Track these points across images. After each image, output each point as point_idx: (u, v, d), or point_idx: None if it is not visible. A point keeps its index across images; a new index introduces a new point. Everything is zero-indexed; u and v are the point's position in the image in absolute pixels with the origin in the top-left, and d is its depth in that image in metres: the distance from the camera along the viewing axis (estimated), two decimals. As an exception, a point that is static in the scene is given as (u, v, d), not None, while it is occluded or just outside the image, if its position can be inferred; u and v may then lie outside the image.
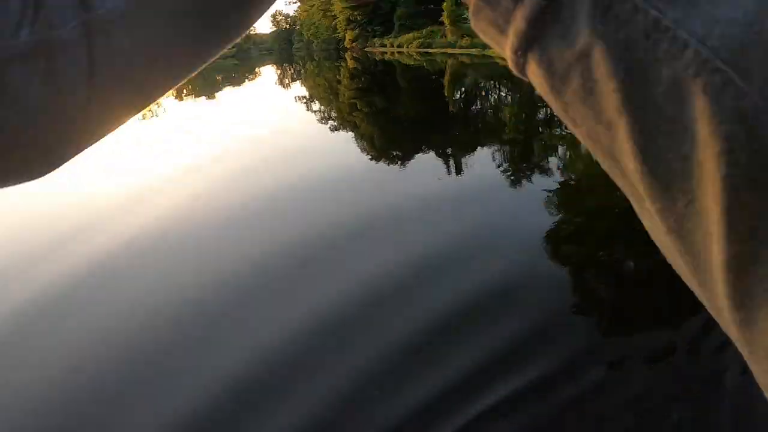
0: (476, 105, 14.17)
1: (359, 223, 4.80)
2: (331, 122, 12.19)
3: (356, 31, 57.16)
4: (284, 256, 4.31)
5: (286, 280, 3.93)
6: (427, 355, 2.75)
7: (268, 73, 41.70)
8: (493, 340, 2.78)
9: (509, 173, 6.54)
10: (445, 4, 39.54)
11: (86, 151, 0.35)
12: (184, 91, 31.23)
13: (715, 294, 0.18)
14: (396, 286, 3.56)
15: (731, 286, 0.16)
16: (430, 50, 37.83)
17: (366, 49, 51.11)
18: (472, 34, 36.36)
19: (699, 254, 0.18)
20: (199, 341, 3.09)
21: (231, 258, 4.38)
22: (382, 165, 7.46)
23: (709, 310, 0.20)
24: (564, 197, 5.57)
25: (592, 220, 4.84)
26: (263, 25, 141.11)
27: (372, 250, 4.22)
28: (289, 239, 4.65)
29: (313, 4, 70.98)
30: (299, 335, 2.99)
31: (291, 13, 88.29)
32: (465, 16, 39.29)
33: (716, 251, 0.16)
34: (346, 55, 48.13)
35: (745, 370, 2.53)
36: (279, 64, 53.86)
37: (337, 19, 63.32)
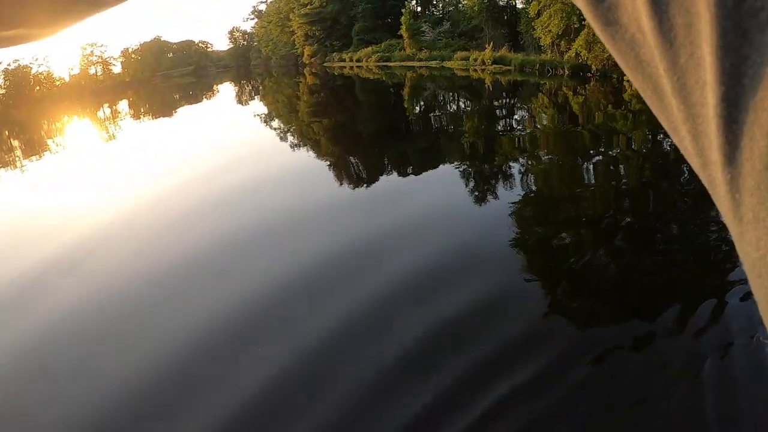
0: (436, 116, 14.20)
1: (323, 241, 4.69)
2: (291, 138, 11.96)
3: (315, 47, 57.05)
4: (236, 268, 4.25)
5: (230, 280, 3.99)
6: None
7: (227, 90, 41.11)
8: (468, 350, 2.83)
9: (470, 185, 6.52)
10: (403, 18, 40.14)
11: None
12: (142, 110, 30.35)
13: (708, 149, 0.18)
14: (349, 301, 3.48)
15: (722, 134, 0.16)
16: (390, 63, 38.18)
17: (325, 64, 51.16)
18: (430, 47, 36.97)
19: (695, 106, 0.18)
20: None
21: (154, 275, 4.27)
22: (343, 180, 7.34)
23: (704, 183, 0.20)
24: (526, 206, 5.65)
25: (555, 227, 4.95)
26: (220, 43, 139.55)
27: (341, 264, 4.13)
28: (247, 254, 4.56)
29: (271, 20, 70.68)
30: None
31: (248, 30, 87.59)
32: (423, 29, 39.98)
33: (709, 96, 0.17)
34: (305, 71, 47.97)
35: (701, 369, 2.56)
36: (237, 81, 53.21)
37: (295, 35, 63.13)
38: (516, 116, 14.80)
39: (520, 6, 33.92)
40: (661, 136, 11.80)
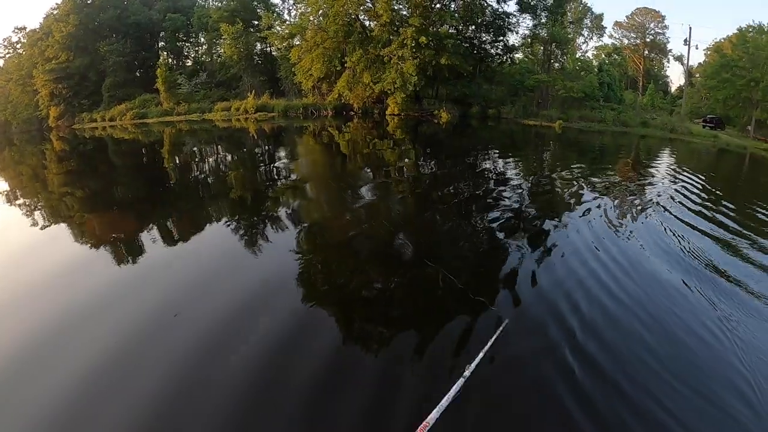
0: (199, 173, 13.08)
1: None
2: (39, 215, 9.35)
3: (62, 107, 49.30)
4: None
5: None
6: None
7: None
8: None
9: (243, 238, 6.32)
10: (159, 70, 37.02)
11: None
12: None
13: None
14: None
15: None
16: (147, 120, 34.59)
17: (74, 127, 44.29)
18: (188, 99, 34.68)
19: None
20: None
21: None
22: (101, 251, 6.22)
23: None
24: (302, 240, 6.04)
25: (333, 254, 5.57)
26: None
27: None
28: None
29: (11, 78, 59.62)
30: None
31: (-25, 93, 72.07)
32: (179, 81, 37.48)
33: None
34: (51, 136, 40.91)
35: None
36: (-37, 155, 42.59)
37: (39, 94, 54.18)
38: (283, 160, 14.53)
39: (275, 53, 34.22)
40: (423, 161, 13.17)
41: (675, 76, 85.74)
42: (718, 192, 11.50)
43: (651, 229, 7.21)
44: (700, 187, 11.63)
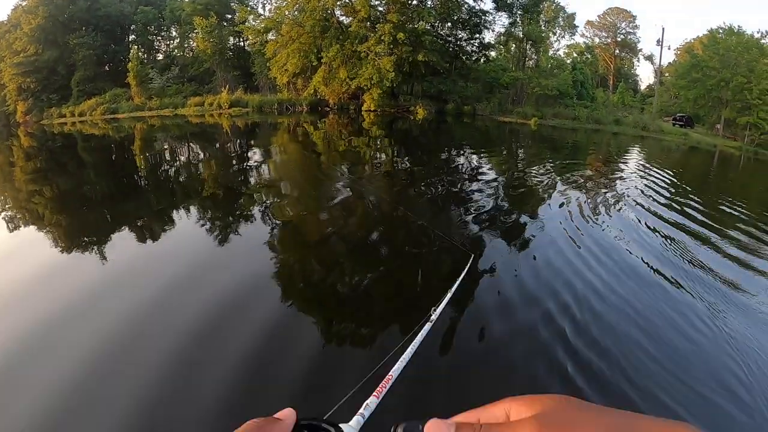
0: (172, 170, 12.72)
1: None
2: (6, 215, 8.92)
3: (29, 102, 47.72)
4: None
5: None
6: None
7: None
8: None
9: (218, 236, 6.10)
10: (130, 64, 36.05)
11: None
12: None
13: None
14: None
15: None
16: (118, 115, 33.72)
17: (43, 122, 42.93)
18: (160, 94, 33.92)
19: None
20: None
21: None
22: (73, 252, 5.89)
23: None
24: (277, 238, 5.90)
25: (306, 251, 5.50)
26: None
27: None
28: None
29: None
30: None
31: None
32: (151, 75, 36.62)
33: None
34: (18, 132, 39.54)
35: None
36: None
37: (6, 89, 52.38)
38: (257, 157, 14.26)
39: (248, 48, 33.75)
40: (400, 157, 13.18)
41: (644, 74, 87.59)
42: (687, 187, 11.83)
43: (623, 220, 7.51)
44: (669, 182, 11.96)
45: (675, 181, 12.29)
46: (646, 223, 7.32)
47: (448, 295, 2.35)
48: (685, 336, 3.93)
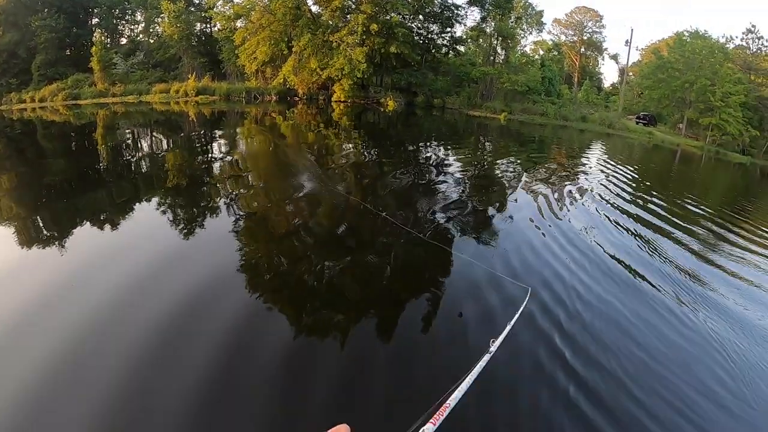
0: (135, 159, 12.36)
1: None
2: None
3: (-13, 86, 45.85)
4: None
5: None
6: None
7: None
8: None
9: (181, 226, 6.04)
10: (94, 48, 34.74)
11: None
12: None
13: None
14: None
15: None
16: (80, 102, 32.58)
17: (1, 108, 41.19)
18: (124, 80, 32.90)
19: None
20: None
21: None
22: (32, 247, 5.61)
23: None
24: (246, 228, 5.89)
25: (276, 241, 5.53)
26: None
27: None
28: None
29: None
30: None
31: None
32: (115, 60, 35.47)
33: None
34: (-26, 117, 37.81)
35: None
36: None
37: (-40, 73, 49.91)
38: (223, 147, 13.94)
39: (216, 35, 33.03)
40: (368, 148, 13.15)
41: (609, 73, 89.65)
42: (648, 183, 12.33)
43: (587, 212, 8.03)
44: (632, 177, 12.47)
45: (637, 176, 12.81)
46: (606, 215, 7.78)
47: (508, 328, 2.35)
48: (648, 324, 4.29)
